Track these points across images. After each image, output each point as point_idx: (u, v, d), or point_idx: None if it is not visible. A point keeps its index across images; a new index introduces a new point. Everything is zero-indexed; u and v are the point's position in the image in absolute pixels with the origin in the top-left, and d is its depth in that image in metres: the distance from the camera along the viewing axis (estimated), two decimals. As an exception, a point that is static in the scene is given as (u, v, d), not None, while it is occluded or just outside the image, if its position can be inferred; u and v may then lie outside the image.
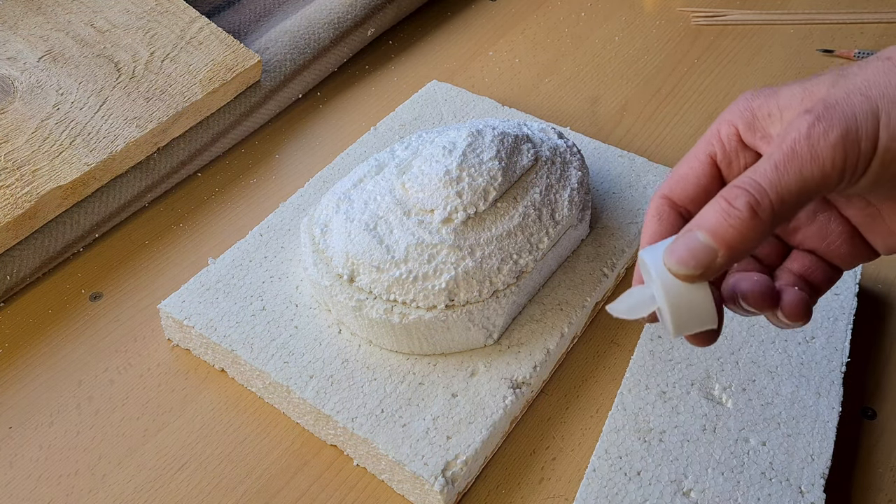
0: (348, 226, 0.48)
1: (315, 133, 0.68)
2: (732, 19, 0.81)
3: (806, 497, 0.41)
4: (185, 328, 0.50)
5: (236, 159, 0.66)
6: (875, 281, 0.54)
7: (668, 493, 0.42)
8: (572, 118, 0.69)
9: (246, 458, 0.46)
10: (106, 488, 0.44)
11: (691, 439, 0.44)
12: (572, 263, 0.53)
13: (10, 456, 0.46)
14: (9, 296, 0.54)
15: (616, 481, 0.42)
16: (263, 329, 0.49)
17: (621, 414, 0.45)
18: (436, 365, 0.47)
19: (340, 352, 0.48)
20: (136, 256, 0.58)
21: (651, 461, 0.43)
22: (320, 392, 0.46)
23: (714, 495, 0.42)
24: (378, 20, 0.76)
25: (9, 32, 0.63)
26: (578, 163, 0.53)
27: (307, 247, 0.50)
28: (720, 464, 0.43)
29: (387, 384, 0.46)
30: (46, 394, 0.49)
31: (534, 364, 0.47)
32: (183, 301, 0.50)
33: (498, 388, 0.46)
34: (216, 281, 0.52)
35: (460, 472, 0.42)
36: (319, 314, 0.50)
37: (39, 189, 0.54)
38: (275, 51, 0.69)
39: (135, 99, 0.60)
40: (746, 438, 0.44)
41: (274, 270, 0.52)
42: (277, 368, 0.47)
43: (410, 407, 0.45)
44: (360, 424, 0.44)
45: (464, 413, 0.45)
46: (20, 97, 0.58)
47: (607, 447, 0.44)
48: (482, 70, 0.75)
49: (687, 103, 0.71)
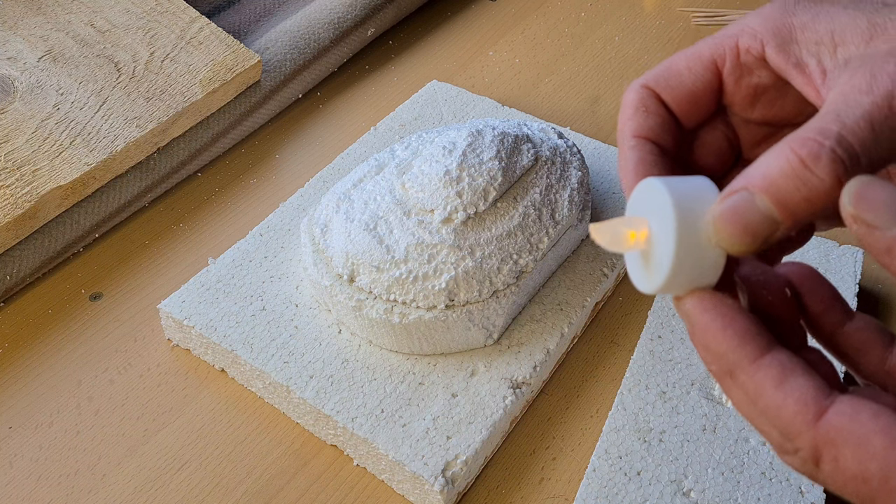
0: (348, 226, 0.48)
1: (315, 133, 0.68)
2: (732, 19, 0.81)
3: (806, 497, 0.41)
4: (185, 328, 0.50)
5: (236, 159, 0.66)
6: (875, 281, 0.54)
7: (668, 493, 0.42)
8: (572, 118, 0.69)
9: (246, 458, 0.46)
10: (106, 488, 0.44)
11: (691, 439, 0.44)
12: (572, 263, 0.53)
13: (10, 456, 0.46)
14: (9, 296, 0.54)
15: (616, 481, 0.42)
16: (263, 329, 0.49)
17: (621, 414, 0.45)
18: (436, 365, 0.47)
19: (340, 352, 0.48)
20: (136, 256, 0.58)
21: (651, 461, 0.43)
22: (320, 392, 0.46)
23: (714, 495, 0.42)
24: (378, 20, 0.76)
25: (9, 32, 0.63)
26: (578, 163, 0.53)
27: (307, 247, 0.50)
28: (720, 464, 0.43)
29: (387, 384, 0.46)
30: (46, 394, 0.49)
31: (534, 364, 0.47)
32: (183, 301, 0.50)
33: (498, 388, 0.46)
34: (216, 281, 0.52)
35: (460, 472, 0.42)
36: (319, 314, 0.50)
37: (39, 189, 0.54)
38: (275, 51, 0.69)
39: (135, 99, 0.60)
40: (746, 438, 0.44)
41: (274, 270, 0.52)
42: (277, 368, 0.47)
43: (410, 407, 0.45)
44: (360, 424, 0.44)
45: (464, 413, 0.45)
46: (20, 97, 0.58)
47: (607, 447, 0.44)
48: (482, 70, 0.75)
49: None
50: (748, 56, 0.28)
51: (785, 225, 0.23)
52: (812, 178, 0.22)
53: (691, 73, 0.28)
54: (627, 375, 0.47)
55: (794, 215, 0.23)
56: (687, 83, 0.28)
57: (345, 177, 0.54)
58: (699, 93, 0.29)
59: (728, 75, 0.28)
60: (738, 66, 0.28)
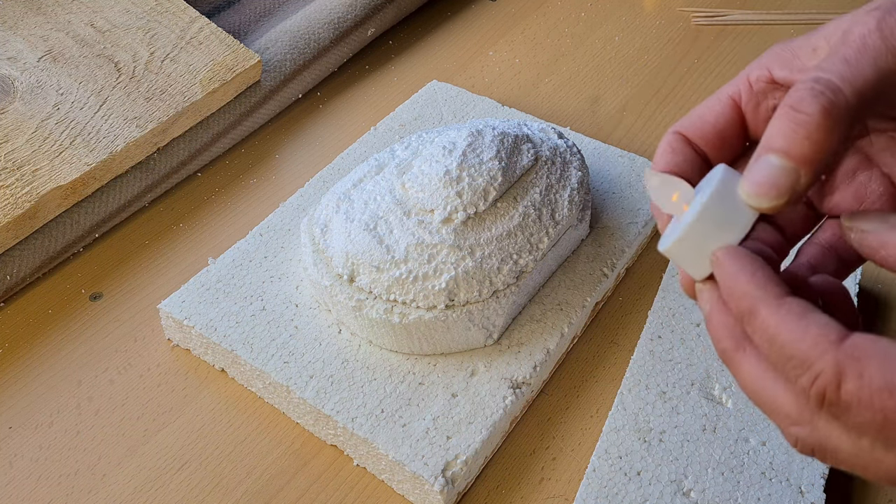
0: (348, 226, 0.48)
1: (315, 133, 0.68)
2: (732, 19, 0.81)
3: (806, 497, 0.41)
4: (185, 328, 0.50)
5: (236, 159, 0.66)
6: (875, 281, 0.54)
7: (668, 493, 0.42)
8: (572, 118, 0.69)
9: (246, 458, 0.46)
10: (106, 488, 0.44)
11: (691, 439, 0.44)
12: (572, 263, 0.53)
13: (10, 456, 0.46)
14: (9, 296, 0.54)
15: (616, 481, 0.42)
16: (263, 329, 0.49)
17: (621, 414, 0.45)
18: (436, 365, 0.47)
19: (340, 352, 0.48)
20: (136, 256, 0.58)
21: (651, 461, 0.43)
22: (320, 392, 0.46)
23: (714, 495, 0.42)
24: (378, 20, 0.76)
25: (9, 32, 0.63)
26: (578, 163, 0.53)
27: (307, 247, 0.50)
28: (720, 464, 0.43)
29: (387, 384, 0.46)
30: (46, 394, 0.49)
31: (534, 364, 0.47)
32: (183, 301, 0.50)
33: (498, 388, 0.46)
34: (216, 281, 0.52)
35: (460, 472, 0.42)
36: (319, 314, 0.50)
37: (39, 189, 0.54)
38: (275, 51, 0.69)
39: (135, 99, 0.60)
40: (746, 438, 0.44)
41: (274, 270, 0.52)
42: (277, 368, 0.47)
43: (410, 407, 0.45)
44: (360, 424, 0.44)
45: (464, 413, 0.45)
46: (20, 97, 0.58)
47: (607, 447, 0.44)
48: (482, 70, 0.75)
49: (687, 103, 0.71)
50: (760, 84, 0.31)
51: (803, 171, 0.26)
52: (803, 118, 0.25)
53: (713, 112, 0.32)
54: (627, 375, 0.47)
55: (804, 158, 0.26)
56: (710, 121, 0.31)
57: (345, 177, 0.54)
58: (722, 128, 0.31)
59: (746, 106, 0.31)
60: (753, 95, 0.31)
